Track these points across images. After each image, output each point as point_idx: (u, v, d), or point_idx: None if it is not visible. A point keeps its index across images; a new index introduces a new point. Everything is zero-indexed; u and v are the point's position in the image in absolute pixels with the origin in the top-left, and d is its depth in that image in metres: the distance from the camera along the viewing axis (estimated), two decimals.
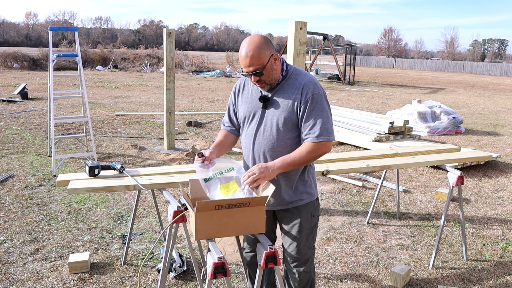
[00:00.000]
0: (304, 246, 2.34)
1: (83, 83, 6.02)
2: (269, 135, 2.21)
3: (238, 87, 2.39)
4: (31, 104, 11.44)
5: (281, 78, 2.20)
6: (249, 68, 2.08)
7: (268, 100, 2.21)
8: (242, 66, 2.12)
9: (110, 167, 2.99)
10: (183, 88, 17.02)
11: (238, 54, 2.14)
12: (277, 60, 2.14)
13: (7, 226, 4.02)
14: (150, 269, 3.35)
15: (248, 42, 2.08)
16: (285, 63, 2.22)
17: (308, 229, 2.34)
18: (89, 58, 26.69)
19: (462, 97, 17.96)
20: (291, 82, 2.20)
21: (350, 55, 24.24)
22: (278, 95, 2.20)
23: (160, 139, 7.84)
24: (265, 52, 2.07)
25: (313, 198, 2.35)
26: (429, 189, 5.60)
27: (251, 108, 2.27)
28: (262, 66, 2.07)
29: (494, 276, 3.40)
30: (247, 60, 2.07)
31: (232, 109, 2.43)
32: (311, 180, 2.36)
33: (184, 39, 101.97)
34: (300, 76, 2.21)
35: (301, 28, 3.40)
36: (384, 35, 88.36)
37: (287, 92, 2.18)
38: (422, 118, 9.49)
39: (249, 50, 2.06)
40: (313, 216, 2.36)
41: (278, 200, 2.30)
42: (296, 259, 2.35)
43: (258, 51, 2.05)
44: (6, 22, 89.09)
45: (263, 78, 2.13)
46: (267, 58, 2.08)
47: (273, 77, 2.16)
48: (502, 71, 42.17)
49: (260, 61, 2.07)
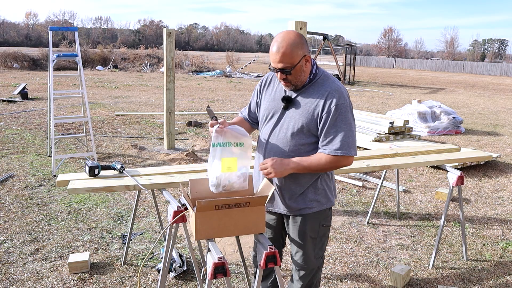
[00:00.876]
0: (311, 255, 2.26)
1: (83, 83, 6.02)
2: (283, 137, 2.13)
3: (265, 81, 2.30)
4: (31, 104, 11.44)
5: (308, 80, 2.10)
6: (278, 64, 1.99)
7: (290, 101, 2.11)
8: (271, 60, 2.03)
9: (110, 167, 2.99)
10: (183, 88, 17.01)
11: (239, 54, 2.11)
12: (308, 62, 2.05)
13: (7, 226, 4.02)
14: (150, 269, 3.35)
15: (283, 38, 1.97)
16: (315, 65, 2.12)
17: (315, 238, 2.24)
18: (89, 58, 26.69)
19: (462, 97, 17.96)
20: (316, 86, 2.09)
21: (350, 55, 24.25)
22: (302, 98, 2.10)
23: (160, 139, 7.84)
24: (298, 51, 1.98)
25: (323, 207, 2.22)
26: (429, 189, 5.60)
27: (272, 106, 2.19)
28: (292, 65, 1.98)
29: (494, 276, 3.40)
30: (277, 56, 1.97)
31: (254, 100, 2.34)
32: (326, 188, 2.23)
33: (184, 39, 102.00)
34: (327, 82, 2.10)
35: (301, 28, 3.40)
36: (384, 35, 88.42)
37: (311, 96, 2.08)
38: (422, 118, 9.49)
39: (281, 46, 1.96)
40: (322, 225, 2.25)
41: (285, 205, 2.21)
42: (301, 268, 2.28)
43: (291, 49, 1.96)
44: (6, 22, 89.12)
45: (290, 77, 2.03)
46: (299, 58, 1.99)
47: (300, 79, 2.07)
48: (502, 71, 42.17)
49: (291, 60, 1.97)
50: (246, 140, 2.11)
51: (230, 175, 2.08)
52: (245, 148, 2.11)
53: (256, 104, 2.34)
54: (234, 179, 2.09)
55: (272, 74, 2.27)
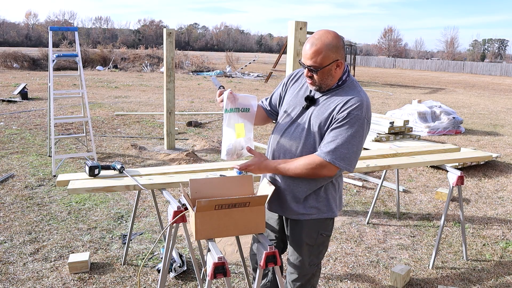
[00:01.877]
0: (305, 262, 2.22)
1: (83, 83, 6.02)
2: (297, 137, 2.09)
3: (293, 76, 2.27)
4: (31, 104, 11.44)
5: (335, 86, 2.05)
6: (308, 61, 1.95)
7: (313, 102, 2.07)
8: (302, 55, 2.00)
9: (110, 167, 2.99)
10: (183, 88, 17.02)
11: (238, 54, 2.11)
12: (339, 68, 1.99)
13: (7, 226, 4.02)
14: (150, 269, 3.35)
15: (320, 36, 1.94)
16: (347, 72, 2.07)
17: (312, 245, 2.20)
18: (89, 58, 26.68)
19: (462, 97, 17.96)
20: (341, 93, 2.04)
21: (350, 55, 24.24)
22: (324, 101, 2.06)
23: (160, 139, 7.84)
24: (331, 54, 1.93)
25: (323, 215, 2.16)
26: (429, 189, 5.60)
27: (293, 102, 2.16)
28: (320, 66, 1.94)
29: (494, 276, 3.40)
30: (309, 52, 1.94)
31: (278, 92, 2.30)
32: (329, 197, 2.16)
33: (184, 39, 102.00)
34: (353, 91, 2.03)
35: (301, 28, 3.40)
36: (384, 35, 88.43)
37: (333, 101, 2.03)
38: (422, 118, 9.49)
39: (316, 44, 1.92)
40: (321, 234, 2.19)
41: (284, 207, 2.20)
42: (293, 272, 2.26)
43: (325, 49, 1.92)
44: (6, 22, 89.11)
45: (316, 77, 2.00)
46: (330, 61, 1.94)
47: (326, 82, 2.02)
48: (502, 71, 42.19)
49: (321, 60, 1.93)
50: (251, 105, 2.16)
51: (241, 140, 2.14)
52: (251, 113, 2.17)
53: (279, 97, 2.30)
54: (243, 144, 2.16)
55: (302, 71, 2.22)
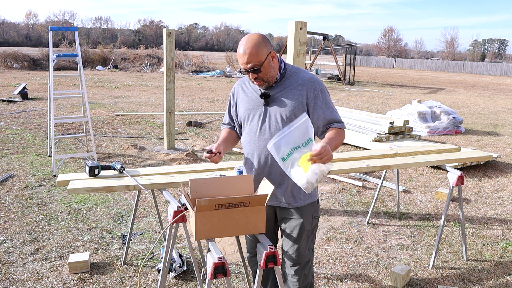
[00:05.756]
0: (305, 248, 2.33)
1: (83, 83, 6.02)
2: (275, 130, 2.17)
3: (236, 89, 2.40)
4: (31, 104, 11.44)
5: (279, 76, 2.20)
6: (247, 65, 2.09)
7: (269, 97, 2.20)
8: (240, 63, 2.14)
9: (110, 167, 2.99)
10: (183, 88, 17.01)
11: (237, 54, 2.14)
12: (274, 58, 2.16)
13: (7, 226, 4.02)
14: (150, 269, 3.35)
15: (246, 40, 2.10)
16: (283, 61, 2.24)
17: (309, 230, 2.33)
18: (89, 58, 26.69)
19: (462, 97, 17.96)
20: (292, 79, 2.21)
21: (350, 55, 24.24)
22: (280, 92, 2.20)
23: (160, 139, 7.84)
24: (263, 49, 2.09)
25: (314, 199, 2.34)
26: (429, 189, 5.60)
27: (251, 106, 2.27)
28: (259, 63, 2.09)
29: (494, 276, 3.40)
30: (245, 57, 2.08)
31: (231, 110, 2.44)
32: None
33: (184, 39, 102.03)
34: (301, 73, 2.23)
35: (301, 28, 3.40)
36: (384, 35, 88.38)
37: (290, 88, 2.19)
38: (422, 118, 9.49)
39: (247, 48, 2.07)
40: (314, 217, 2.35)
41: (284, 198, 2.27)
42: (296, 262, 2.33)
43: (256, 48, 2.07)
44: (6, 22, 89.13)
45: (260, 75, 2.13)
46: (265, 56, 2.09)
47: (271, 75, 2.16)
48: (502, 71, 42.17)
49: (257, 58, 2.08)
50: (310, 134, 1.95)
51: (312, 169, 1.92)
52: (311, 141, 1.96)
53: (235, 112, 2.42)
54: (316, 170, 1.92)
55: (242, 81, 2.39)
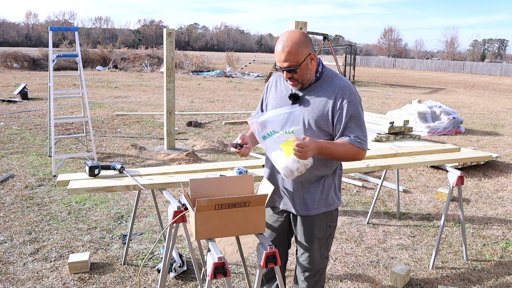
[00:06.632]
0: (317, 256, 2.28)
1: (83, 83, 6.02)
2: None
3: (271, 83, 2.31)
4: (31, 104, 11.44)
5: (315, 79, 2.12)
6: (284, 63, 2.01)
7: (298, 99, 2.12)
8: (276, 60, 2.05)
9: (110, 167, 2.99)
10: (183, 88, 17.01)
11: (239, 54, 2.11)
12: (313, 60, 2.07)
13: (7, 226, 4.02)
14: (150, 269, 3.35)
15: (287, 37, 2.01)
16: (321, 64, 2.14)
17: (322, 239, 2.26)
18: (89, 58, 26.69)
19: (462, 97, 17.96)
20: (325, 84, 2.11)
21: (350, 55, 24.25)
22: (310, 95, 2.11)
23: (160, 139, 7.84)
24: (303, 50, 2.00)
25: (330, 208, 2.23)
26: (429, 189, 5.60)
27: (279, 105, 2.18)
28: (297, 63, 2.01)
29: (494, 276, 3.40)
30: (283, 55, 2.00)
31: (263, 104, 2.37)
32: (333, 188, 2.23)
33: (184, 39, 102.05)
34: (336, 80, 2.12)
35: (301, 28, 3.40)
36: (384, 35, 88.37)
37: (320, 93, 2.10)
38: (422, 118, 9.49)
39: (286, 45, 1.99)
40: (329, 226, 2.27)
41: (293, 204, 2.22)
42: (307, 269, 2.30)
43: (296, 48, 1.99)
44: (6, 22, 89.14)
45: (296, 76, 2.06)
46: (304, 57, 2.01)
47: (307, 77, 2.09)
48: (502, 71, 42.17)
49: (296, 58, 1.99)
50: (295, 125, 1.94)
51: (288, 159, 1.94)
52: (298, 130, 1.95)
53: (266, 105, 2.34)
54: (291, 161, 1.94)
55: (277, 77, 2.30)
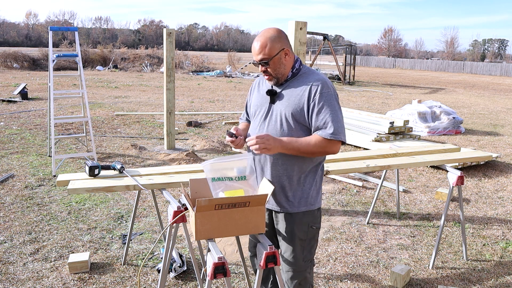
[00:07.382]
0: (299, 258, 2.24)
1: (83, 83, 6.02)
2: (273, 128, 2.17)
3: (254, 85, 2.41)
4: (31, 104, 11.44)
5: (291, 75, 2.18)
6: (257, 56, 2.11)
7: (275, 94, 2.19)
8: (253, 54, 2.15)
9: (110, 167, 2.99)
10: (183, 88, 17.01)
11: (240, 54, 2.15)
12: (288, 55, 2.14)
13: (7, 226, 4.02)
14: (150, 269, 3.35)
15: (262, 33, 2.13)
16: (299, 61, 2.21)
17: (304, 240, 2.23)
18: (89, 58, 26.70)
19: (462, 97, 17.95)
20: (301, 80, 2.18)
21: (350, 55, 24.25)
22: (286, 91, 2.18)
23: (160, 139, 7.84)
24: (276, 44, 2.09)
25: (311, 207, 2.23)
26: (429, 189, 5.60)
27: (259, 102, 2.28)
28: (269, 57, 2.09)
29: (494, 276, 3.40)
30: (256, 48, 2.11)
31: (247, 105, 2.47)
32: (313, 188, 2.23)
33: (184, 39, 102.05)
34: (312, 75, 2.18)
35: (301, 28, 3.40)
36: (384, 35, 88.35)
37: (296, 88, 2.16)
38: (422, 118, 9.49)
39: (260, 40, 2.10)
40: (311, 227, 2.24)
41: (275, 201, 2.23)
42: (288, 269, 2.27)
43: (269, 42, 2.08)
44: (6, 22, 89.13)
45: (269, 69, 2.13)
46: (277, 51, 2.09)
47: (280, 71, 2.15)
48: (502, 71, 42.17)
49: (268, 51, 2.08)
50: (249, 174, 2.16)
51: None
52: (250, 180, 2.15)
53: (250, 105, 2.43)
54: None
55: (260, 79, 2.39)
